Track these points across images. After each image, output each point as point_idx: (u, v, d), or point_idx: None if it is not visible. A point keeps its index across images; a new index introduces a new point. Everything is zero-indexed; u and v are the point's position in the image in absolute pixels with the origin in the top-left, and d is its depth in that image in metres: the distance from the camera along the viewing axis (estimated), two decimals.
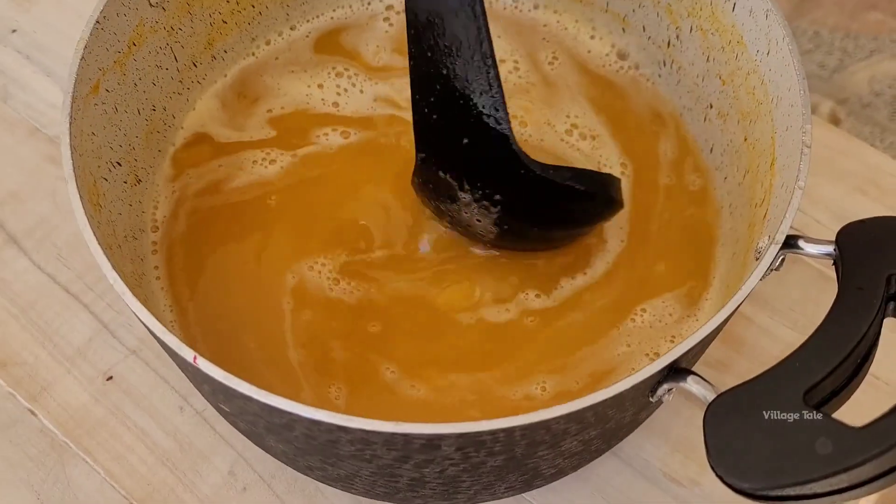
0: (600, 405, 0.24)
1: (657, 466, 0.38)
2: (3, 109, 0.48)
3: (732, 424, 0.23)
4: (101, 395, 0.40)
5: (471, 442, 0.24)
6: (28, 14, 0.51)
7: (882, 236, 0.25)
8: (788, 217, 0.27)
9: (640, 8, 0.38)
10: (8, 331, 0.42)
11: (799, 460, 0.21)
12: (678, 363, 0.25)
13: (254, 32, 0.40)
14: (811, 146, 0.28)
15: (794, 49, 0.30)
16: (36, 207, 0.45)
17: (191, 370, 0.26)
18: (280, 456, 0.32)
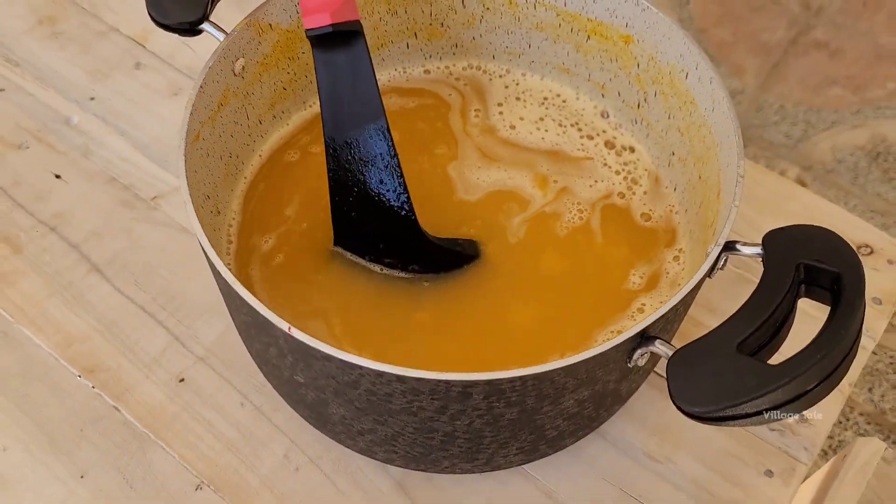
0: (591, 361, 0.32)
1: (638, 446, 0.47)
2: (84, 163, 0.57)
3: (686, 370, 0.31)
4: (175, 395, 0.48)
5: (495, 390, 0.33)
6: (103, 85, 0.61)
7: (795, 237, 0.34)
8: (727, 228, 0.36)
9: (615, 77, 0.48)
10: (94, 344, 0.50)
11: (733, 390, 0.30)
12: (647, 331, 0.33)
13: (305, 97, 0.49)
14: (744, 176, 0.37)
15: (730, 106, 0.40)
16: (113, 243, 0.54)
17: (281, 341, 0.34)
18: (337, 424, 0.40)
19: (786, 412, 0.30)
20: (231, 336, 0.50)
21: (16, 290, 0.52)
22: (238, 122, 0.45)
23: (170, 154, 0.57)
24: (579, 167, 0.48)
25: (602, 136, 0.49)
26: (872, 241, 0.54)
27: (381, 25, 0.49)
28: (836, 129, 1.66)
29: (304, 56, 0.47)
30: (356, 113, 0.41)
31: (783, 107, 1.70)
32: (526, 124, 0.50)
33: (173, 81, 0.61)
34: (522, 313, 0.42)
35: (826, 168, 1.64)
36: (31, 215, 0.55)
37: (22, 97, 0.60)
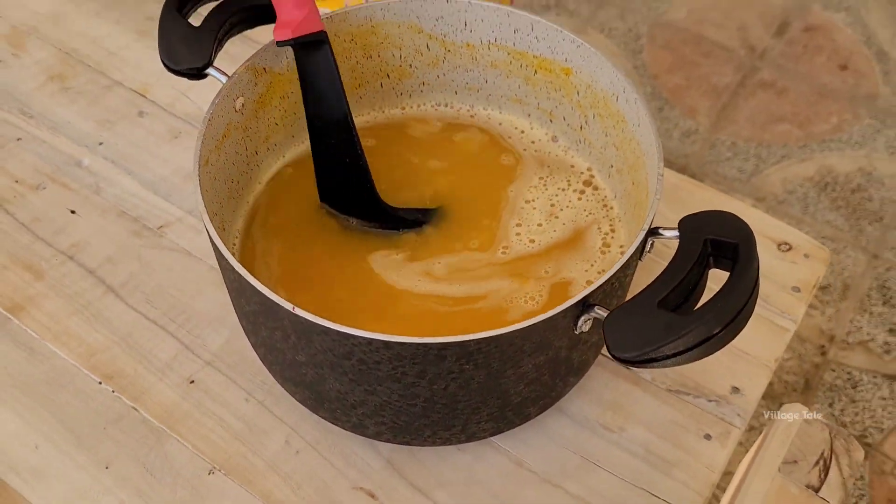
0: (543, 324, 0.40)
1: (594, 419, 0.53)
2: (97, 199, 0.64)
3: (618, 325, 0.38)
4: (187, 394, 0.55)
5: (464, 352, 0.40)
6: (110, 131, 0.68)
7: (703, 220, 0.42)
8: (651, 216, 0.44)
9: (559, 104, 0.57)
10: (113, 353, 0.56)
11: (653, 337, 0.37)
12: (588, 300, 0.41)
13: (294, 132, 0.57)
14: (663, 175, 0.45)
15: (651, 121, 0.48)
16: (126, 267, 0.60)
17: (286, 321, 0.41)
18: (334, 401, 0.46)
19: (700, 353, 0.38)
20: (235, 342, 0.56)
21: (40, 311, 0.58)
22: (238, 152, 0.53)
23: (173, 189, 0.65)
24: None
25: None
26: (791, 239, 0.62)
27: (357, 68, 0.57)
28: (786, 163, 1.77)
29: (292, 95, 0.55)
30: (327, 98, 0.51)
31: (735, 143, 1.80)
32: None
33: (173, 127, 0.68)
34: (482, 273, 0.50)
35: (778, 199, 1.74)
36: (50, 246, 0.61)
37: (37, 145, 0.67)
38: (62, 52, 0.73)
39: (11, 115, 0.69)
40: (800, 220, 1.73)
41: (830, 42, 1.95)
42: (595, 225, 0.54)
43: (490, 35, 0.56)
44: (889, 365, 1.48)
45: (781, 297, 0.59)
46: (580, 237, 0.53)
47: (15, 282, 0.59)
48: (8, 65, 0.72)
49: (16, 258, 0.60)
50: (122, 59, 0.73)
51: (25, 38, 0.74)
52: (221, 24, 0.50)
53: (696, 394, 0.55)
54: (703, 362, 0.55)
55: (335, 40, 0.55)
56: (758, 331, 0.57)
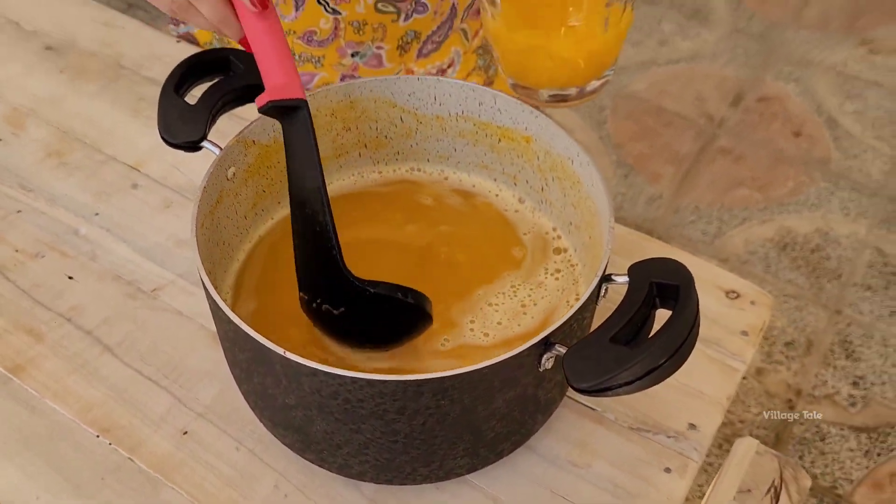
0: (510, 361, 0.44)
1: (563, 457, 0.57)
2: (93, 266, 0.68)
3: (575, 359, 0.43)
4: (181, 445, 0.58)
5: (440, 387, 0.44)
6: (106, 203, 0.73)
7: (650, 266, 0.47)
8: (603, 264, 0.49)
9: (522, 169, 0.62)
10: (110, 407, 0.60)
11: (607, 368, 0.42)
12: (549, 338, 0.46)
13: (280, 198, 0.62)
14: (614, 228, 0.51)
15: (603, 181, 0.54)
16: (122, 328, 0.64)
17: (278, 366, 0.45)
18: (321, 442, 0.50)
19: (649, 381, 0.42)
20: (225, 395, 0.60)
21: (40, 371, 0.62)
22: (229, 217, 0.57)
23: (165, 255, 0.69)
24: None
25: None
26: (738, 288, 0.67)
27: (338, 139, 0.63)
28: (747, 225, 1.85)
29: (278, 165, 0.61)
30: (301, 172, 0.52)
31: (698, 207, 1.88)
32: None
33: (165, 197, 0.73)
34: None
35: (741, 259, 1.81)
36: (49, 310, 0.65)
37: (36, 216, 0.72)
38: (60, 131, 0.78)
39: (12, 189, 0.73)
40: (762, 279, 1.80)
41: (783, 111, 2.06)
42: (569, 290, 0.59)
43: (458, 108, 0.62)
44: (855, 417, 1.52)
45: (731, 340, 0.64)
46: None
47: (16, 344, 0.63)
48: (8, 143, 0.77)
49: (17, 322, 0.64)
50: (116, 136, 0.78)
51: (25, 118, 0.80)
52: (214, 102, 0.55)
53: (655, 431, 0.59)
54: (661, 402, 0.60)
55: (317, 115, 0.60)
56: (711, 372, 0.62)
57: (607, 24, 0.53)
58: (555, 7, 0.53)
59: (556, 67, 0.55)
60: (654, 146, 2.00)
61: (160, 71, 0.84)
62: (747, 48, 2.22)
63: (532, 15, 0.54)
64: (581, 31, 0.53)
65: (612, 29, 0.54)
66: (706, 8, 2.34)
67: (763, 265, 1.79)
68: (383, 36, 0.77)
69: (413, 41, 0.78)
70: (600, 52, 0.54)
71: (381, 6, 0.75)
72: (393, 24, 0.76)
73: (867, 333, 1.64)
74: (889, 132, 2.00)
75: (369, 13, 0.75)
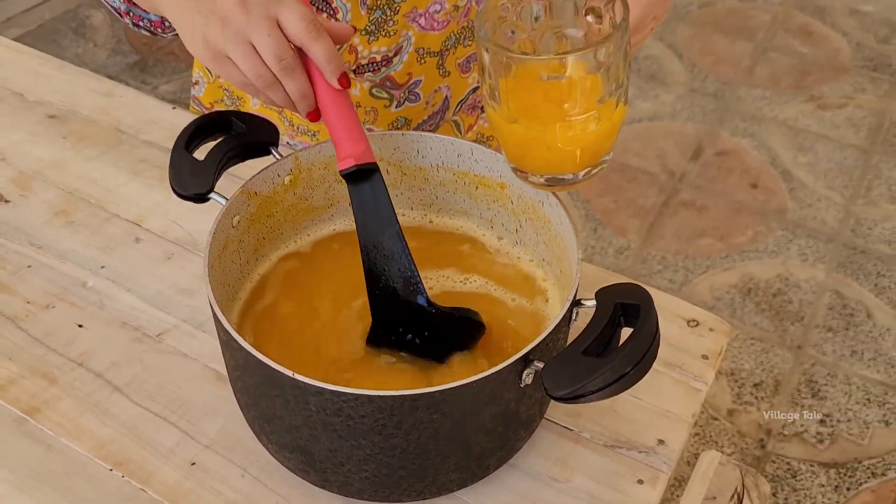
0: (493, 376, 0.50)
1: (544, 472, 0.63)
2: (101, 314, 0.73)
3: (552, 370, 0.49)
4: (189, 475, 0.62)
5: (433, 402, 0.49)
6: (111, 256, 0.78)
7: (614, 289, 0.53)
8: (573, 290, 0.55)
9: (498, 213, 0.69)
10: (123, 443, 0.64)
11: (578, 377, 0.48)
12: (528, 356, 0.51)
13: (278, 245, 0.68)
14: (581, 260, 0.57)
15: (570, 220, 0.60)
16: (130, 369, 0.69)
17: (286, 386, 0.50)
18: (324, 461, 0.55)
19: (618, 388, 0.48)
20: (229, 428, 0.65)
21: (55, 411, 0.66)
22: (233, 261, 0.63)
23: (168, 302, 0.74)
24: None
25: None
26: (697, 317, 0.74)
27: (330, 190, 0.69)
28: (711, 273, 1.93)
29: (277, 215, 0.67)
30: (378, 222, 0.59)
31: (664, 257, 1.97)
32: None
33: (167, 250, 0.79)
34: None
35: (707, 306, 1.89)
36: (61, 356, 0.70)
37: (46, 271, 0.76)
38: (65, 192, 0.84)
39: (22, 246, 0.78)
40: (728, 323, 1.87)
41: (740, 164, 2.17)
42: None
43: (438, 160, 0.68)
44: (823, 454, 1.58)
45: (693, 364, 0.70)
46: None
47: (31, 388, 0.67)
48: (17, 204, 0.83)
49: (31, 367, 0.69)
50: (119, 195, 0.84)
51: (31, 181, 0.85)
52: (220, 158, 0.61)
53: (628, 447, 0.64)
54: (632, 421, 0.66)
55: (312, 168, 0.67)
56: (676, 393, 0.68)
57: (600, 120, 0.56)
58: (551, 103, 0.56)
59: (553, 156, 0.58)
60: (619, 201, 2.09)
61: (158, 135, 0.91)
62: (704, 106, 2.35)
63: (530, 109, 0.57)
64: (576, 125, 0.56)
65: (604, 123, 0.57)
66: (662, 71, 2.47)
67: (729, 310, 1.87)
68: (374, 119, 0.82)
69: (403, 127, 0.82)
70: (594, 144, 0.58)
71: (375, 91, 0.79)
72: (385, 110, 0.81)
73: (831, 373, 1.71)
74: (840, 182, 2.11)
75: (363, 96, 0.80)
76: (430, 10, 0.72)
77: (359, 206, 0.60)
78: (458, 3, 0.73)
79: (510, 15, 0.58)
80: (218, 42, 0.54)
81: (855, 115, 2.32)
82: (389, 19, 0.72)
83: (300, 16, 0.54)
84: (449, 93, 0.81)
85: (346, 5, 0.70)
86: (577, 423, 0.66)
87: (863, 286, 1.86)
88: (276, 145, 0.64)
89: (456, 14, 0.74)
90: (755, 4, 2.77)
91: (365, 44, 0.73)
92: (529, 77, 0.55)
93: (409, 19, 0.73)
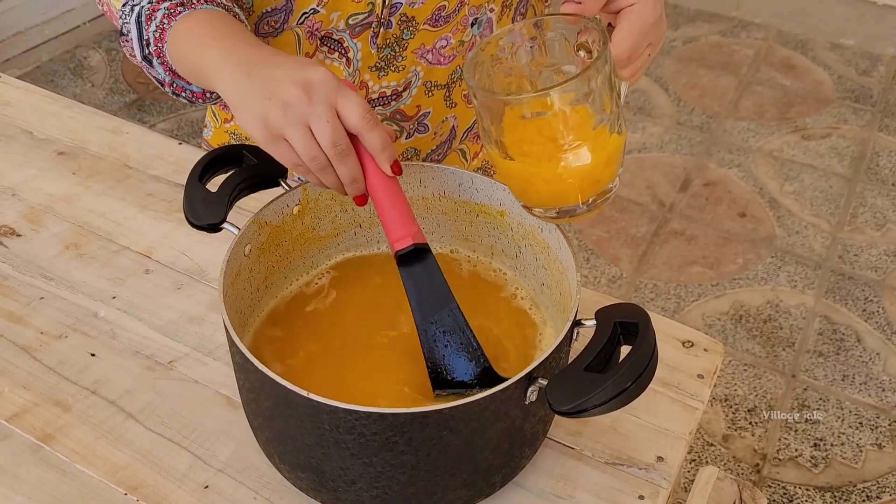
0: (499, 394, 0.52)
1: (548, 490, 0.64)
2: (113, 343, 0.75)
3: (556, 386, 0.51)
4: (202, 497, 0.64)
5: (442, 418, 0.52)
6: (121, 287, 0.80)
7: (613, 309, 0.56)
8: (574, 310, 0.57)
9: (498, 240, 0.72)
10: (137, 468, 0.65)
11: (580, 393, 0.50)
12: (532, 374, 0.54)
13: (286, 273, 0.70)
14: (581, 283, 0.60)
15: (567, 244, 0.63)
16: (143, 397, 0.71)
17: (300, 406, 0.52)
18: (337, 479, 0.56)
19: (619, 402, 0.50)
20: (241, 452, 0.66)
21: (69, 438, 0.67)
22: (245, 289, 0.65)
23: (178, 331, 0.76)
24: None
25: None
26: (692, 338, 0.76)
27: (336, 220, 0.72)
28: (703, 300, 1.96)
29: (285, 244, 0.69)
30: (434, 300, 0.61)
31: (656, 285, 2.00)
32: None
33: (176, 280, 0.81)
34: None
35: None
36: (75, 384, 0.71)
37: (58, 302, 0.78)
38: (75, 226, 0.86)
39: (35, 279, 0.80)
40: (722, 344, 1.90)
41: (728, 194, 2.22)
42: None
43: (440, 189, 0.71)
44: (818, 477, 1.60)
45: (689, 383, 0.72)
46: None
47: (46, 416, 0.69)
48: (28, 238, 0.85)
49: (45, 396, 0.70)
50: (128, 228, 0.86)
51: (42, 215, 0.87)
52: (232, 189, 0.64)
53: (629, 464, 0.66)
54: (632, 439, 0.68)
55: (319, 199, 0.69)
56: (673, 411, 0.70)
57: (594, 150, 0.57)
58: (543, 138, 0.57)
59: (554, 189, 0.59)
60: (611, 231, 2.13)
61: (164, 170, 0.93)
62: (691, 138, 2.40)
63: (524, 146, 0.58)
64: (569, 157, 0.57)
65: (599, 152, 0.57)
66: (650, 104, 2.52)
67: (721, 337, 1.89)
68: None
69: (412, 157, 0.85)
70: (592, 174, 0.58)
71: (386, 124, 0.81)
72: (395, 141, 0.83)
73: (823, 397, 1.73)
74: (826, 210, 2.15)
75: None
76: (437, 46, 0.75)
77: (412, 285, 0.61)
78: (463, 38, 0.77)
79: (506, 56, 0.61)
80: (278, 125, 0.56)
81: (839, 144, 2.38)
82: (398, 55, 0.75)
83: (360, 106, 0.57)
84: (456, 123, 0.84)
85: (357, 44, 0.73)
86: (578, 442, 0.68)
87: (851, 311, 1.89)
88: (286, 177, 0.67)
89: (462, 48, 0.77)
90: (738, 40, 2.84)
91: (375, 79, 0.76)
92: (519, 116, 0.57)
93: (418, 55, 0.76)
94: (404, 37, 0.74)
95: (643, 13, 0.59)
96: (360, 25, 0.73)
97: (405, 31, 0.74)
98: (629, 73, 0.60)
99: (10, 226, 0.86)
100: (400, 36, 0.74)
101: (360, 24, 0.73)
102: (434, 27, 0.75)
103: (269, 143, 0.57)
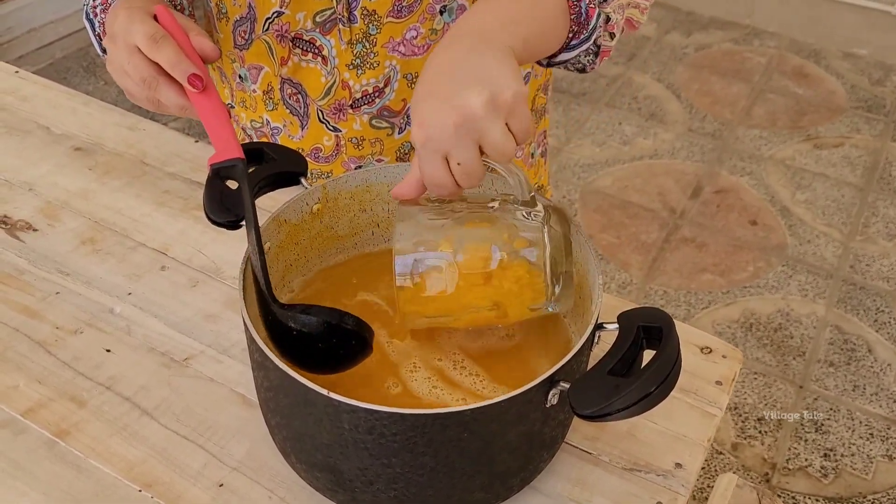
0: (521, 396, 0.52)
1: (565, 495, 0.64)
2: (128, 339, 0.75)
3: (579, 389, 0.50)
4: (217, 496, 0.63)
5: (463, 420, 0.51)
6: (137, 283, 0.80)
7: (636, 313, 0.55)
8: (595, 314, 0.57)
9: None
10: (152, 465, 0.65)
11: (604, 396, 0.49)
12: (553, 377, 0.53)
13: (304, 272, 0.70)
14: (602, 284, 0.59)
15: (589, 245, 0.62)
16: (158, 393, 0.70)
17: (320, 405, 0.52)
18: (355, 480, 0.56)
19: (642, 407, 0.50)
20: (256, 451, 0.66)
21: (84, 434, 0.67)
22: None
23: (194, 328, 0.76)
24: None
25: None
26: (710, 344, 0.76)
27: (354, 219, 0.71)
28: (713, 308, 1.95)
29: (303, 242, 0.69)
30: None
31: (666, 292, 1.99)
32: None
33: (192, 277, 0.81)
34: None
35: None
36: (90, 380, 0.71)
37: (74, 297, 0.78)
38: (91, 221, 0.86)
39: (50, 274, 0.80)
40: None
41: (739, 201, 2.21)
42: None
43: None
44: (828, 488, 1.59)
45: (708, 389, 0.72)
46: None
47: (61, 411, 0.69)
48: (45, 233, 0.85)
49: (61, 391, 0.70)
50: (144, 225, 0.86)
51: (59, 210, 0.87)
52: (252, 187, 0.64)
53: (647, 470, 0.66)
54: (650, 445, 0.67)
55: (338, 197, 0.69)
56: (691, 417, 0.70)
57: (489, 281, 0.60)
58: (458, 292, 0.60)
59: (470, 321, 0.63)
60: (621, 236, 2.12)
61: (181, 167, 0.93)
62: (702, 145, 2.39)
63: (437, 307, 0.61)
64: (475, 294, 0.60)
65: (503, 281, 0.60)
66: (661, 110, 2.52)
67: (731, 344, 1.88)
68: (381, 150, 0.85)
69: (411, 151, 0.85)
70: (507, 298, 0.60)
71: (375, 122, 0.83)
72: (389, 138, 0.84)
73: (833, 407, 1.72)
74: (838, 219, 2.14)
75: (365, 129, 0.83)
76: (407, 38, 0.76)
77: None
78: (433, 26, 0.77)
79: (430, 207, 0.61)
80: (115, 75, 0.68)
81: (851, 154, 2.37)
82: (370, 51, 0.76)
83: (142, 34, 0.65)
84: None
85: (330, 41, 0.75)
86: (595, 447, 0.67)
87: (863, 321, 1.88)
88: (306, 175, 0.67)
89: (435, 37, 0.77)
90: (750, 47, 2.83)
91: (355, 77, 0.77)
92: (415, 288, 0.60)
93: (389, 49, 0.77)
94: (371, 31, 0.76)
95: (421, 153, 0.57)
96: (328, 21, 0.75)
97: (370, 26, 0.75)
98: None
99: (26, 220, 0.86)
100: (367, 31, 0.76)
101: (329, 21, 0.74)
102: (398, 18, 0.76)
103: (113, 75, 0.69)
